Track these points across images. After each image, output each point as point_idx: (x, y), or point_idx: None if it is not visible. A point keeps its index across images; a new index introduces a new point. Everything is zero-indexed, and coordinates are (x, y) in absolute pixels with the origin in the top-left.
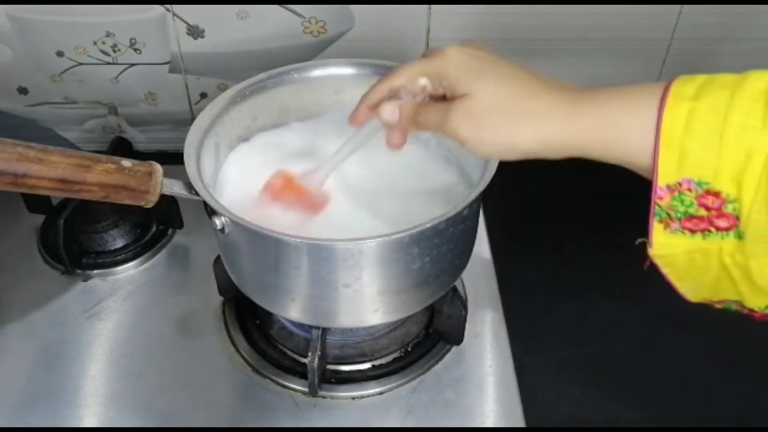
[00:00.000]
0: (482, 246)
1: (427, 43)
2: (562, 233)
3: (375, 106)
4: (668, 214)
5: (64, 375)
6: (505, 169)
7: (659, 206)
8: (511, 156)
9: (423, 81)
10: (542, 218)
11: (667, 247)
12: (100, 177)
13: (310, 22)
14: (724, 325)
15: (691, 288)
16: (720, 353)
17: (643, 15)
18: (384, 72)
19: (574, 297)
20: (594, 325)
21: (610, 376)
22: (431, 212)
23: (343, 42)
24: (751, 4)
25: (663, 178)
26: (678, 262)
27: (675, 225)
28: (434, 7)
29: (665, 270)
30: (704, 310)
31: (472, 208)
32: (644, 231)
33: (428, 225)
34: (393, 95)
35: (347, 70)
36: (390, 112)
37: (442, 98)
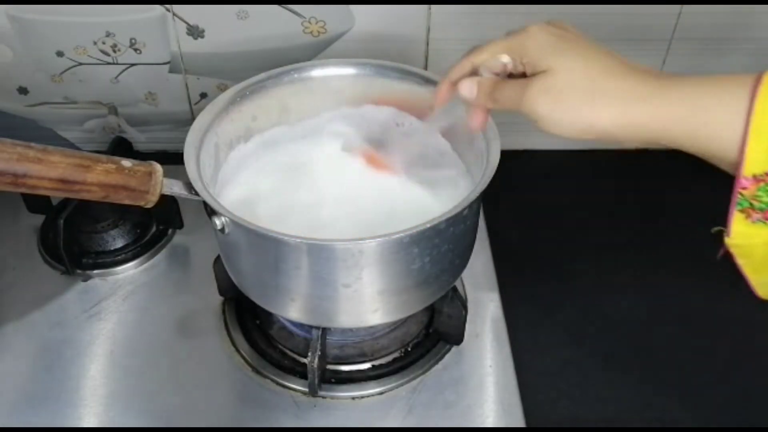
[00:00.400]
0: (482, 246)
1: (427, 43)
2: (563, 233)
3: (456, 83)
4: (751, 204)
5: (64, 375)
6: (506, 169)
7: (742, 195)
8: (586, 136)
9: (504, 58)
10: (542, 218)
11: (747, 237)
12: (100, 177)
13: (310, 22)
14: (724, 324)
15: (765, 282)
16: (720, 353)
17: (643, 15)
18: (384, 72)
19: (574, 297)
20: (594, 325)
21: (610, 376)
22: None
23: (343, 42)
24: (751, 4)
25: (749, 168)
26: (756, 253)
27: (757, 215)
28: (434, 7)
29: (741, 261)
30: (704, 310)
31: (472, 208)
32: (645, 231)
33: (428, 225)
34: (473, 72)
35: (347, 70)
36: (468, 88)
37: (522, 76)
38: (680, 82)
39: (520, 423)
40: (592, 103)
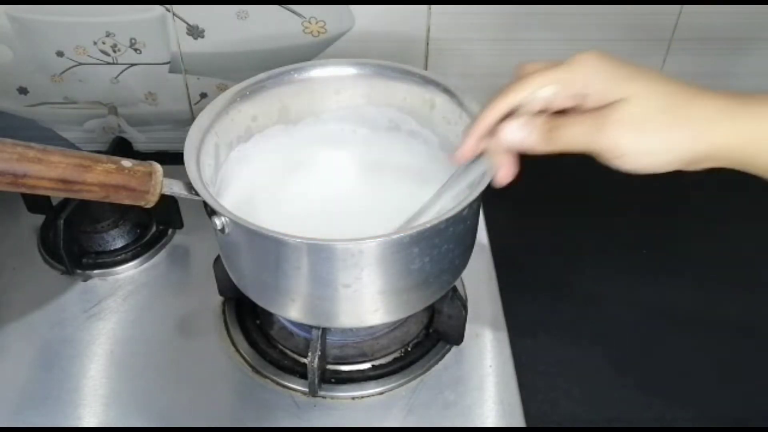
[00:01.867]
0: (482, 246)
1: (427, 43)
2: (563, 233)
3: (487, 134)
4: None
5: (64, 375)
6: None
7: None
8: (672, 166)
9: (550, 91)
10: (542, 218)
11: None
12: (100, 177)
13: (310, 22)
14: (724, 324)
15: None
16: (720, 353)
17: (643, 15)
18: (384, 72)
19: (575, 297)
20: (594, 325)
21: (610, 376)
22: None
23: (343, 42)
24: (751, 5)
25: None
26: None
27: None
28: (434, 7)
29: None
30: (704, 310)
31: (472, 208)
32: (645, 232)
33: (428, 225)
34: (509, 116)
35: (347, 70)
36: (517, 129)
37: (562, 113)
38: (759, 100)
39: (520, 423)
40: (680, 127)
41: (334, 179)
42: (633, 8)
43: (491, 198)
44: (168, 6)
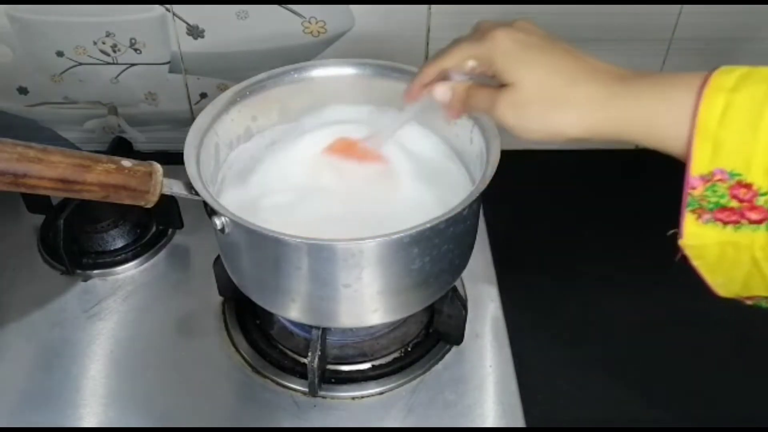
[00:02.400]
0: (482, 246)
1: (427, 43)
2: (563, 233)
3: (427, 85)
4: (700, 205)
5: (64, 375)
6: (506, 169)
7: (692, 196)
8: (556, 141)
9: (472, 63)
10: (542, 218)
11: (699, 237)
12: (100, 177)
13: (310, 22)
14: (724, 324)
15: (721, 282)
16: (720, 353)
17: (643, 15)
18: (384, 72)
19: (575, 297)
20: (594, 325)
21: (610, 376)
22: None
23: (343, 42)
24: (751, 4)
25: (697, 168)
26: (709, 254)
27: (707, 216)
28: (434, 7)
29: (696, 262)
30: (704, 310)
31: (472, 208)
32: (645, 232)
33: (428, 225)
34: (444, 75)
35: (347, 70)
36: (442, 93)
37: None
38: (634, 83)
39: (520, 423)
40: (556, 112)
41: (334, 179)
42: (633, 8)
43: (491, 198)
44: (168, 6)
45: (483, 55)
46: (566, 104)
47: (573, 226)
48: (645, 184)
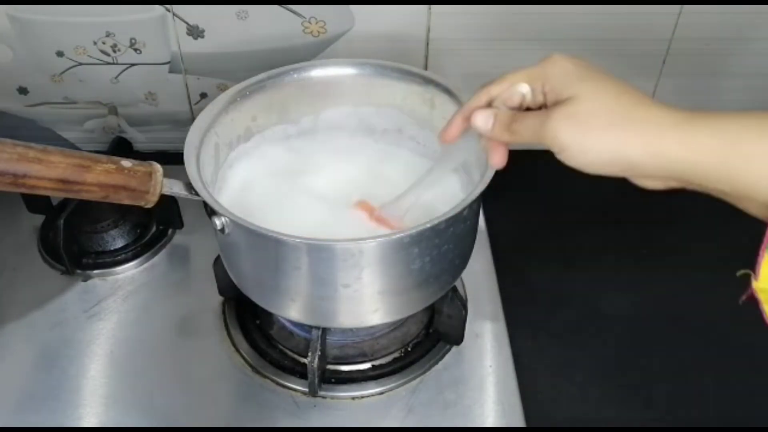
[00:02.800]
0: (482, 246)
1: (427, 43)
2: (563, 233)
3: (468, 117)
4: None
5: (64, 375)
6: (506, 169)
7: None
8: (613, 168)
9: (523, 88)
10: (542, 218)
11: None
12: (100, 177)
13: (310, 22)
14: (724, 325)
15: None
16: (720, 353)
17: (643, 15)
18: (384, 72)
19: (574, 297)
20: (594, 325)
21: (610, 376)
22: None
23: (343, 42)
24: (751, 4)
25: None
26: None
27: None
28: (434, 7)
29: (766, 306)
30: (704, 310)
31: (472, 208)
32: (645, 232)
33: (428, 225)
34: (488, 106)
35: (347, 70)
36: (483, 119)
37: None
38: (715, 115)
39: (520, 423)
40: (623, 129)
41: (334, 179)
42: (633, 8)
43: (491, 198)
44: (168, 6)
45: (538, 75)
46: (634, 122)
47: (573, 226)
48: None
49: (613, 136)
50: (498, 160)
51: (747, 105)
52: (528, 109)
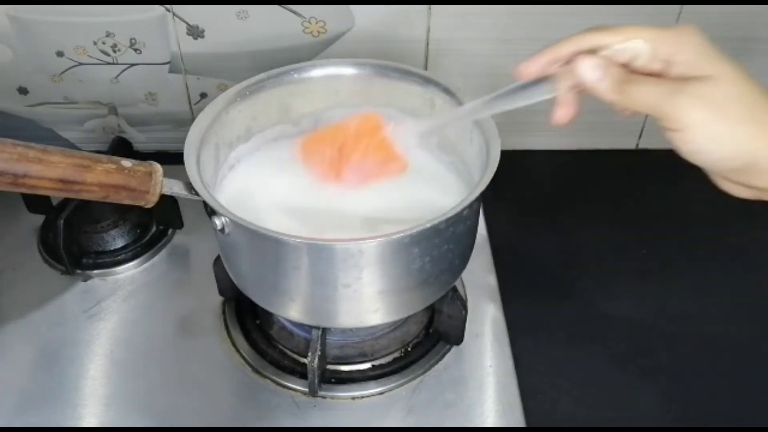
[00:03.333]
0: (482, 246)
1: (427, 43)
2: (563, 233)
3: (562, 60)
4: None
5: (64, 375)
6: (506, 169)
7: None
8: (730, 162)
9: (641, 44)
10: (542, 218)
11: None
12: (100, 177)
13: (310, 22)
14: (724, 325)
15: None
16: (720, 353)
17: (643, 15)
18: (384, 72)
19: (575, 297)
20: (594, 325)
21: (610, 376)
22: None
23: (343, 42)
24: (751, 4)
25: None
26: None
27: None
28: (434, 7)
29: None
30: (704, 310)
31: (472, 208)
32: (645, 232)
33: (428, 225)
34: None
35: (347, 70)
36: (592, 68)
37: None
38: None
39: (520, 423)
40: (757, 124)
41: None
42: (633, 8)
43: (491, 198)
44: (168, 6)
45: (670, 39)
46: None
47: (573, 226)
48: (645, 184)
49: (743, 129)
50: (565, 114)
51: None
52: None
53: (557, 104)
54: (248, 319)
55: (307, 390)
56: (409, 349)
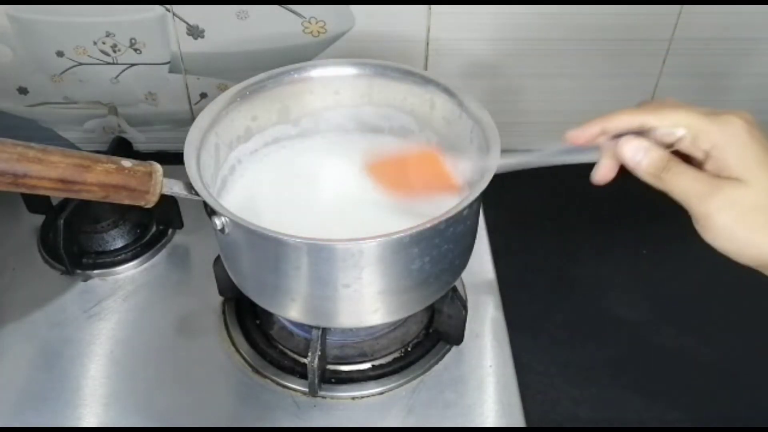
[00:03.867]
0: (482, 246)
1: (427, 43)
2: (562, 233)
3: (610, 134)
4: None
5: (64, 375)
6: None
7: None
8: (752, 262)
9: (683, 132)
10: (542, 218)
11: None
12: (100, 177)
13: (310, 22)
14: (724, 325)
15: None
16: (720, 353)
17: (643, 15)
18: (384, 72)
19: (574, 297)
20: (594, 325)
21: (610, 376)
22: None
23: (343, 42)
24: (751, 4)
25: None
26: None
27: None
28: (434, 7)
29: None
30: (703, 309)
31: (472, 208)
32: (645, 232)
33: (428, 225)
34: (639, 133)
35: (347, 70)
36: (634, 150)
37: (685, 159)
38: None
39: (520, 423)
40: None
41: (335, 179)
42: (633, 8)
43: (491, 198)
44: (168, 6)
45: (707, 130)
46: None
47: (573, 226)
48: (645, 183)
49: (761, 238)
50: (604, 177)
51: (748, 105)
52: (675, 152)
53: (599, 166)
54: (248, 319)
55: (307, 390)
56: (409, 349)
